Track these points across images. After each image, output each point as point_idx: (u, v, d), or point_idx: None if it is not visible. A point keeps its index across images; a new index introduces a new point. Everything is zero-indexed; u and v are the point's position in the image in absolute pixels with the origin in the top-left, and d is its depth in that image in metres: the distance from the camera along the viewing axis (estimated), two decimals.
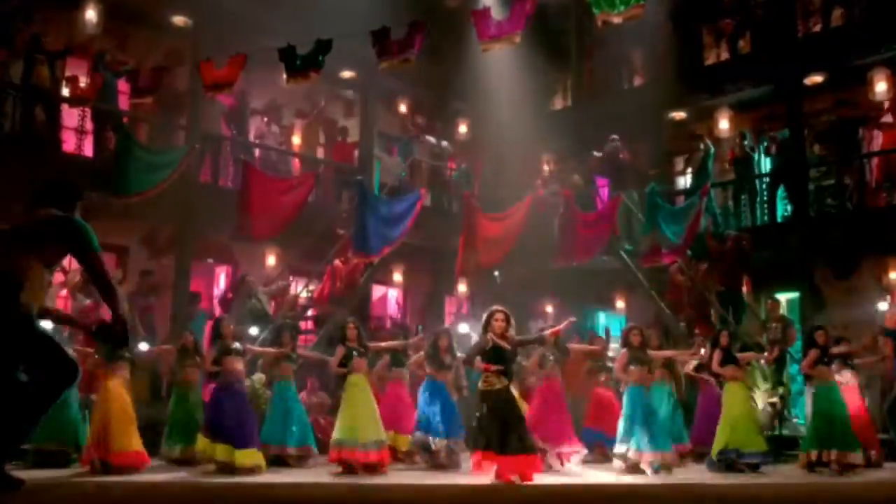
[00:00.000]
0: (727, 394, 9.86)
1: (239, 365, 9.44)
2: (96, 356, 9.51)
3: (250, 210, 11.82)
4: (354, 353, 9.42)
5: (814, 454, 9.56)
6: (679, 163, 17.14)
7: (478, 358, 8.04)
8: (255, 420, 9.53)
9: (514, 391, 9.14)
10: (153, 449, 9.96)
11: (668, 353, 10.65)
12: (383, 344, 10.77)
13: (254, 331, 12.13)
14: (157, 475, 8.66)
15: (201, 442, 9.08)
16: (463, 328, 13.76)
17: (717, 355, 9.87)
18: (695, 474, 9.41)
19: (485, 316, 8.10)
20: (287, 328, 10.35)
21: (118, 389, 9.12)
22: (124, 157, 11.59)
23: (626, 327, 10.01)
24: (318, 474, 8.92)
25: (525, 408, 9.74)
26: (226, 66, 10.85)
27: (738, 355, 10.13)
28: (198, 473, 8.87)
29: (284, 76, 9.95)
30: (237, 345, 9.55)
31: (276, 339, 10.33)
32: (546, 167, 16.87)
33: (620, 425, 9.42)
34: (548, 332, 9.12)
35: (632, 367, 9.49)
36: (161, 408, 10.63)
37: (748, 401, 10.05)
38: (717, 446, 9.60)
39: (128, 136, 11.85)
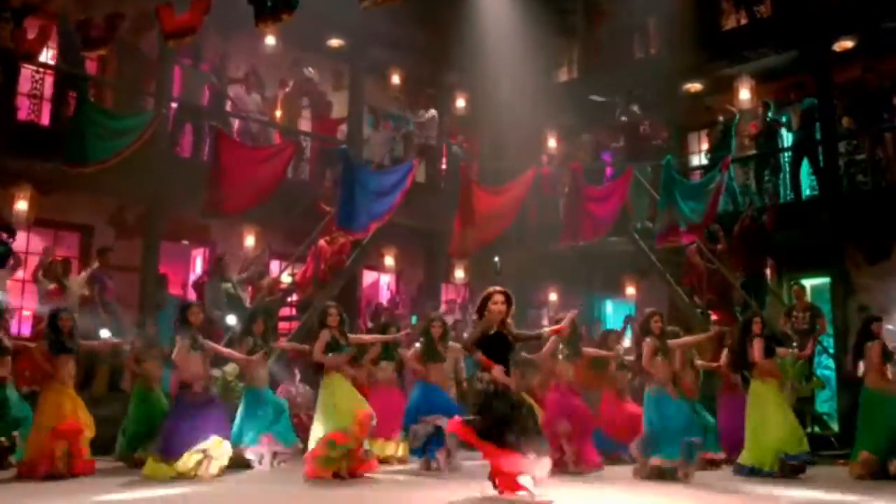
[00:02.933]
0: (760, 391, 8.62)
1: (197, 364, 8.23)
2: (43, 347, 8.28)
3: (221, 182, 10.63)
4: (338, 345, 8.25)
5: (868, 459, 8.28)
6: (694, 139, 15.94)
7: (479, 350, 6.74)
8: (226, 426, 8.38)
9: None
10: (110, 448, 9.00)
11: (687, 339, 9.34)
12: (367, 337, 9.73)
13: (231, 320, 10.94)
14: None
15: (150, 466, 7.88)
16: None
17: (759, 344, 8.60)
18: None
19: (481, 297, 6.84)
20: (260, 314, 9.17)
21: (60, 398, 8.04)
22: (81, 123, 10.40)
23: (647, 312, 8.65)
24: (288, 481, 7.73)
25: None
26: (188, 10, 9.60)
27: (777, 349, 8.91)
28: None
29: (254, 20, 8.67)
30: (203, 340, 8.36)
31: (248, 327, 9.13)
32: (551, 143, 15.65)
33: (645, 434, 8.24)
34: (548, 329, 7.52)
35: (657, 359, 8.26)
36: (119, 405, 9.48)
37: (783, 400, 8.80)
38: (755, 456, 8.42)
39: (85, 100, 10.63)
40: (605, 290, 15.42)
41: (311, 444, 7.94)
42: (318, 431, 7.92)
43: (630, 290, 14.33)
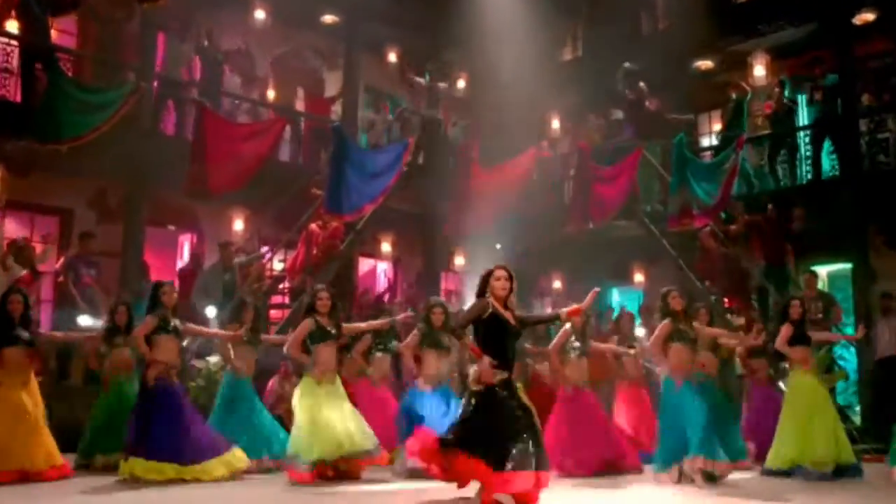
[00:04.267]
0: (795, 384, 7.82)
1: (173, 349, 7.43)
2: None
3: (205, 159, 9.94)
4: (325, 333, 7.36)
5: None
6: (705, 120, 15.25)
7: (470, 336, 5.93)
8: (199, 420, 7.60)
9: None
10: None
11: (718, 331, 8.41)
12: (362, 325, 8.62)
13: (211, 311, 10.27)
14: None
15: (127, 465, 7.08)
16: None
17: (786, 330, 7.80)
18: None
19: (482, 275, 6.03)
20: (249, 305, 8.46)
21: (13, 395, 7.25)
22: (54, 97, 9.71)
23: (664, 290, 7.71)
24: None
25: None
26: None
27: (813, 335, 8.08)
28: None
29: None
30: (177, 322, 7.53)
31: (235, 317, 8.43)
32: (555, 124, 14.96)
33: (659, 435, 7.43)
34: (566, 310, 6.30)
35: (674, 345, 7.36)
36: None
37: (823, 395, 7.88)
38: (780, 457, 7.66)
39: (59, 73, 9.95)
40: (611, 278, 14.73)
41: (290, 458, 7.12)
42: (298, 445, 7.06)
43: (638, 278, 13.65)
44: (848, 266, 12.06)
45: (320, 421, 7.06)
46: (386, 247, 13.74)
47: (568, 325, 7.89)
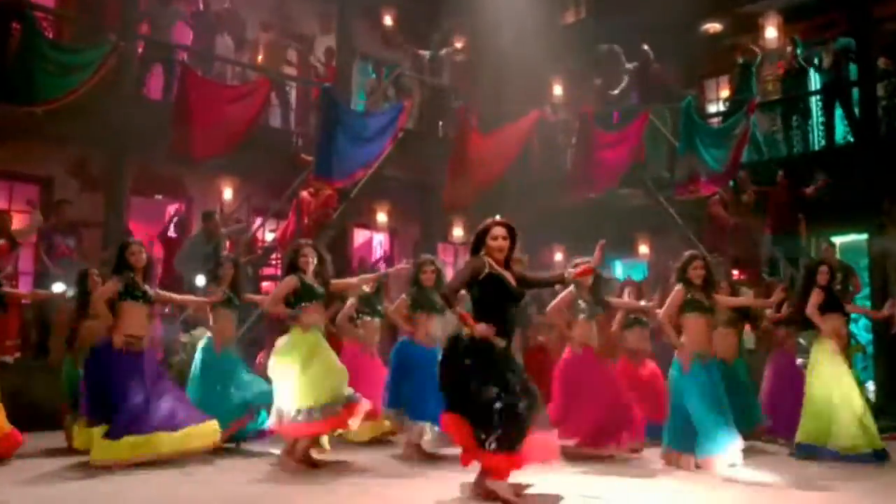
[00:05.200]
0: (819, 356, 7.27)
1: (140, 317, 6.85)
2: None
3: (190, 122, 9.43)
4: (311, 291, 6.71)
5: None
6: (713, 86, 14.71)
7: (460, 303, 5.34)
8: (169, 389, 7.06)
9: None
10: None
11: (742, 300, 7.75)
12: (354, 280, 7.90)
13: (200, 280, 9.78)
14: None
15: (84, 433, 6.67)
16: None
17: (816, 297, 7.25)
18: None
19: (476, 230, 5.43)
20: (227, 261, 7.92)
21: None
22: (29, 58, 9.17)
23: (687, 255, 7.01)
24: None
25: None
26: None
27: (848, 307, 7.56)
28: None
29: None
30: (147, 287, 6.93)
31: (215, 274, 7.91)
32: (557, 90, 14.42)
33: (669, 418, 6.87)
34: (573, 270, 5.62)
35: (688, 315, 6.79)
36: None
37: (850, 373, 7.32)
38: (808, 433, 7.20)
39: (35, 32, 9.40)
40: (614, 250, 14.20)
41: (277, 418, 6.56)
42: (289, 395, 6.47)
43: (643, 249, 13.15)
44: (862, 236, 11.57)
45: (311, 368, 6.50)
46: (382, 217, 13.25)
47: (572, 287, 7.27)
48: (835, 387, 7.14)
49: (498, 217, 5.48)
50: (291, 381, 6.50)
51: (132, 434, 6.42)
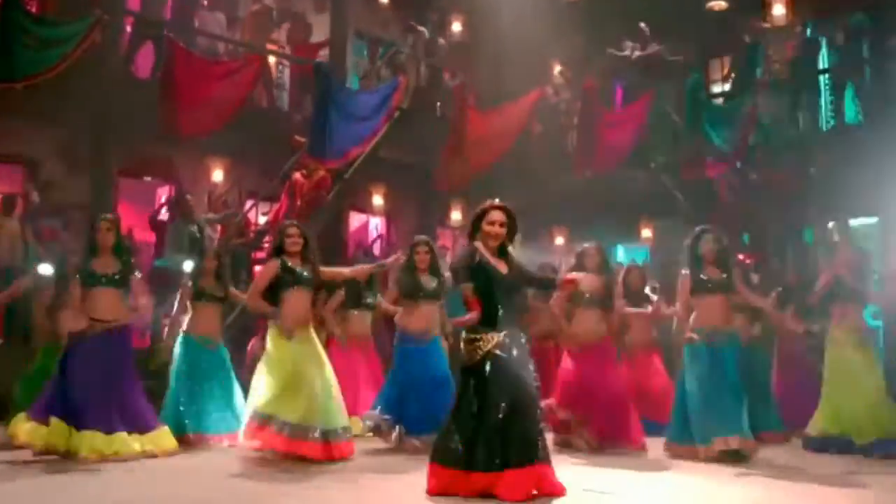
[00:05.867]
0: (835, 346, 6.95)
1: (109, 302, 6.37)
2: None
3: (178, 99, 9.08)
4: (296, 276, 6.27)
5: None
6: (717, 66, 14.33)
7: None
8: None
9: None
10: None
11: (760, 301, 7.01)
12: (346, 270, 7.32)
13: (188, 266, 9.44)
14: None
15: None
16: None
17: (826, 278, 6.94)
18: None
19: (474, 213, 5.08)
20: (210, 253, 7.60)
21: None
22: (6, 32, 8.79)
23: (696, 231, 6.66)
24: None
25: None
26: None
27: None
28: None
29: None
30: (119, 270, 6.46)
31: (198, 266, 7.57)
32: (556, 70, 14.05)
33: (675, 409, 6.58)
34: (564, 276, 5.61)
35: (698, 297, 6.42)
36: None
37: (867, 359, 6.96)
38: (823, 424, 6.87)
39: (14, 5, 9.00)
40: (616, 234, 13.90)
41: (249, 416, 6.16)
42: (259, 400, 6.11)
43: (646, 233, 12.85)
44: (873, 220, 11.23)
45: (291, 379, 6.11)
46: (378, 200, 12.93)
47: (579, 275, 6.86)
48: (853, 376, 6.81)
49: (497, 200, 5.12)
50: (269, 388, 6.14)
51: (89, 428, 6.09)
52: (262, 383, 6.18)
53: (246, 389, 6.81)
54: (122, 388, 6.37)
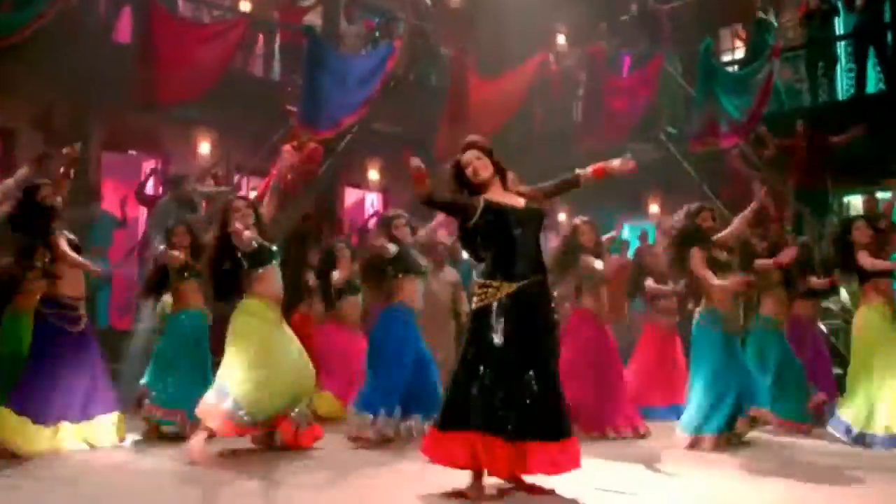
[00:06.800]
0: (870, 325, 6.42)
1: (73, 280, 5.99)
2: None
3: (156, 63, 8.50)
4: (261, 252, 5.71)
5: None
6: (727, 35, 13.73)
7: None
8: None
9: None
10: None
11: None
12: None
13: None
14: None
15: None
16: None
17: (864, 256, 6.37)
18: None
19: (449, 173, 4.56)
20: (185, 222, 7.06)
21: None
22: None
23: (693, 207, 6.37)
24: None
25: None
26: None
27: None
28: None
29: None
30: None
31: (168, 239, 7.02)
32: (560, 39, 13.42)
33: (694, 390, 6.16)
34: (589, 169, 4.78)
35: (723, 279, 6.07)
36: None
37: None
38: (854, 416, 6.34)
39: None
40: (621, 209, 13.32)
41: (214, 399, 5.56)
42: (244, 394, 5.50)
43: (653, 208, 12.25)
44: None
45: (275, 363, 5.62)
46: (373, 175, 12.37)
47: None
48: (885, 355, 6.29)
49: (474, 137, 4.64)
50: (242, 371, 5.58)
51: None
52: (243, 374, 5.63)
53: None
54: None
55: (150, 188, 10.85)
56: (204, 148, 10.82)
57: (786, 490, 4.82)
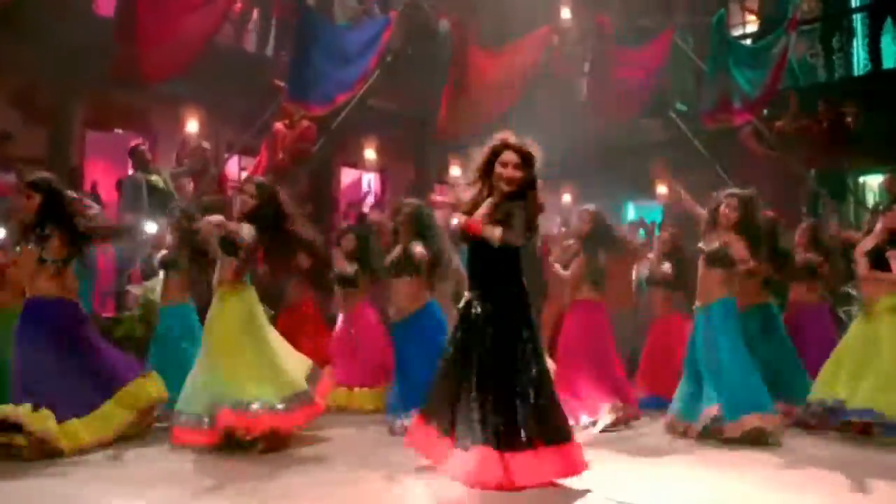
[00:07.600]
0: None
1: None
2: None
3: (137, 37, 8.01)
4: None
5: None
6: (736, 8, 13.25)
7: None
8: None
9: None
10: None
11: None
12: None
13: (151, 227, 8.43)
14: None
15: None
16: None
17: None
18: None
19: (484, 151, 4.27)
20: (171, 210, 6.67)
21: None
22: None
23: (722, 195, 5.96)
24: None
25: None
26: None
27: None
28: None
29: None
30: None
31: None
32: (565, 14, 12.92)
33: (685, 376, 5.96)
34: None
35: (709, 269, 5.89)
36: None
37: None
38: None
39: None
40: (628, 190, 12.88)
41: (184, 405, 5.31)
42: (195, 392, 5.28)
43: (661, 189, 11.80)
44: None
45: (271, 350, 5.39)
46: (370, 154, 11.90)
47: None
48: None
49: (511, 139, 4.28)
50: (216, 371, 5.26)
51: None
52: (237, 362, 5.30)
53: None
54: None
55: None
56: (191, 126, 10.37)
57: (786, 490, 4.48)
